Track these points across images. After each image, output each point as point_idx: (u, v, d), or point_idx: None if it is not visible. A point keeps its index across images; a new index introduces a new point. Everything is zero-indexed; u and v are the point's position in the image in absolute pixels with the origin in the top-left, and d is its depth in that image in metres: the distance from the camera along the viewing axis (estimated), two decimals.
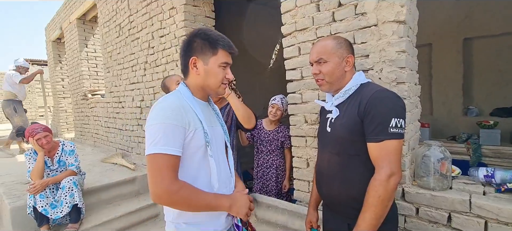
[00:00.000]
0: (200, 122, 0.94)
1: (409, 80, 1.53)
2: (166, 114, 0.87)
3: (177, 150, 0.87)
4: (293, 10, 1.92)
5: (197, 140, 0.93)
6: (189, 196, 0.87)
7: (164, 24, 3.09)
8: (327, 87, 1.18)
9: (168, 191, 0.84)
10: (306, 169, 1.98)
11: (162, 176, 0.84)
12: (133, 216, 2.82)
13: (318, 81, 1.19)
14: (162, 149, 0.84)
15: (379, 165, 1.00)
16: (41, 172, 2.36)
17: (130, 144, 4.00)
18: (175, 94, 0.97)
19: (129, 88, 3.88)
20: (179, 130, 0.88)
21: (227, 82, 1.01)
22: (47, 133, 2.44)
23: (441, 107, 4.50)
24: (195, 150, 0.93)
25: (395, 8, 1.47)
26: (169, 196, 0.85)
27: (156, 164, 0.85)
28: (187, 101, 0.95)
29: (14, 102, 4.45)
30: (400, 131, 1.00)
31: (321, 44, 1.17)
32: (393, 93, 1.07)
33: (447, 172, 1.47)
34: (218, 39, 0.97)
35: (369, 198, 0.98)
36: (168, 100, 0.93)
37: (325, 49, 1.14)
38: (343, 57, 1.14)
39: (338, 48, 1.14)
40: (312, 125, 1.90)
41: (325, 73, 1.14)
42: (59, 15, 6.25)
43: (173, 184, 0.85)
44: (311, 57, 1.19)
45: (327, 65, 1.13)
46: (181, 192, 0.86)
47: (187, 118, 0.91)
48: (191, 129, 0.91)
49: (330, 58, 1.13)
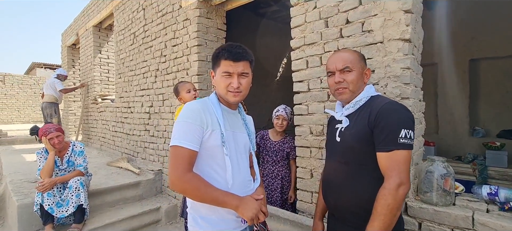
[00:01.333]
0: (218, 124, 1.05)
1: (413, 96, 1.57)
2: (187, 114, 1.03)
3: (192, 144, 1.00)
4: (303, 25, 2.00)
5: (214, 140, 1.04)
6: (198, 186, 0.98)
7: (177, 34, 3.22)
8: (348, 96, 1.18)
9: (180, 178, 0.97)
10: (310, 179, 2.00)
11: (177, 165, 0.98)
12: (135, 220, 2.85)
13: (339, 90, 1.18)
14: (178, 142, 0.99)
15: (388, 174, 1.02)
16: (50, 171, 2.42)
17: (136, 149, 4.06)
18: (203, 99, 1.13)
19: (139, 94, 3.99)
20: (196, 128, 1.01)
21: (233, 90, 1.05)
22: (60, 133, 2.53)
23: (447, 126, 4.49)
24: (212, 147, 1.05)
25: (401, 27, 1.53)
26: (181, 183, 0.98)
27: (173, 155, 0.99)
28: (212, 106, 1.09)
29: (54, 105, 5.27)
30: (409, 142, 1.03)
31: (346, 54, 1.19)
32: (402, 106, 1.10)
33: (451, 188, 1.48)
34: (220, 51, 1.07)
35: (378, 207, 0.99)
36: (193, 104, 1.08)
37: (351, 59, 1.17)
38: (364, 69, 1.19)
39: (360, 59, 1.20)
40: (317, 136, 1.94)
41: (350, 82, 1.16)
42: (76, 22, 6.51)
43: (186, 173, 0.98)
44: (335, 65, 1.18)
45: (352, 74, 1.16)
46: (192, 182, 0.98)
47: (206, 119, 1.03)
48: (209, 129, 1.03)
49: (355, 67, 1.16)
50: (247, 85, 1.09)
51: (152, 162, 3.69)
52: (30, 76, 13.67)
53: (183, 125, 1.01)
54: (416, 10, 1.59)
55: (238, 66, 1.04)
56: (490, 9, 3.99)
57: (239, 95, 1.07)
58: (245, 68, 1.06)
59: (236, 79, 1.05)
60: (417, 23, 1.64)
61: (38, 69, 15.21)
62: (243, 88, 1.07)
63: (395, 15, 1.55)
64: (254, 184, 1.18)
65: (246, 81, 1.08)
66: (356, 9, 1.71)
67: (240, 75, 1.06)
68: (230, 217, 1.06)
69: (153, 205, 3.04)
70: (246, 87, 1.08)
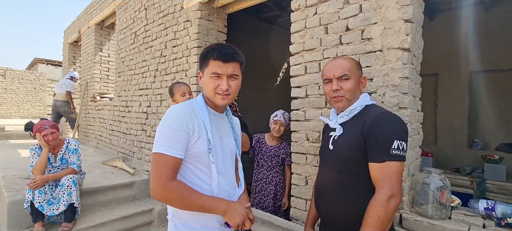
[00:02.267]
0: (205, 130, 0.99)
1: (411, 106, 1.55)
2: (172, 119, 0.96)
3: (176, 151, 0.94)
4: (302, 31, 1.99)
5: (200, 146, 0.98)
6: (183, 194, 0.92)
7: (177, 35, 3.21)
8: (345, 104, 1.16)
9: (163, 187, 0.91)
10: (305, 186, 1.97)
11: (160, 173, 0.92)
12: (127, 221, 2.81)
13: (335, 98, 1.17)
14: (161, 149, 0.93)
15: (380, 185, 1.00)
16: (43, 168, 2.39)
17: (132, 149, 4.03)
18: (189, 102, 1.06)
19: (137, 93, 3.97)
20: (181, 134, 0.95)
21: (222, 93, 0.99)
22: (54, 130, 2.49)
23: (446, 138, 4.46)
24: (198, 154, 0.99)
25: (400, 36, 1.52)
26: (164, 192, 0.92)
27: (156, 162, 0.94)
28: (199, 109, 1.02)
29: (68, 103, 5.85)
30: (402, 153, 1.01)
31: (344, 62, 1.17)
32: (396, 117, 1.09)
33: (447, 201, 1.45)
34: (208, 51, 1.00)
35: (368, 219, 0.98)
36: (178, 107, 1.00)
37: (349, 67, 1.15)
38: (360, 77, 1.18)
39: (357, 68, 1.18)
40: (314, 143, 1.92)
41: (347, 90, 1.14)
42: (79, 19, 6.52)
43: (169, 182, 0.92)
44: (333, 73, 1.16)
45: (350, 82, 1.14)
46: (176, 190, 0.92)
47: (192, 124, 0.97)
48: (195, 135, 0.97)
49: (352, 76, 1.15)
50: (236, 88, 1.02)
51: (147, 162, 3.66)
52: (31, 72, 13.67)
53: (168, 131, 0.94)
54: (416, 20, 1.57)
55: (227, 68, 0.98)
56: (492, 22, 4.00)
57: (227, 98, 1.01)
58: (235, 70, 1.00)
59: (225, 81, 0.98)
60: (417, 33, 1.63)
61: (40, 65, 15.22)
62: (232, 91, 1.01)
63: (395, 24, 1.54)
64: (239, 190, 1.14)
65: (235, 83, 1.01)
66: (356, 17, 1.70)
67: (230, 77, 0.99)
68: (213, 225, 1.02)
69: (146, 206, 3.00)
70: (235, 90, 1.02)
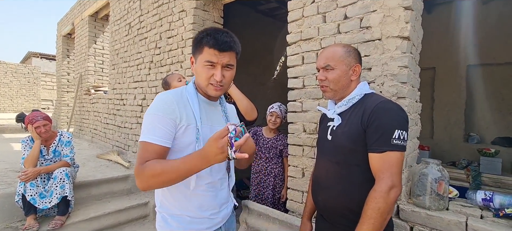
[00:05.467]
0: (194, 118, 0.94)
1: (410, 96, 1.52)
2: (158, 106, 0.90)
3: (162, 140, 0.88)
4: (300, 20, 1.95)
5: (189, 136, 0.93)
6: (154, 168, 0.83)
7: (173, 26, 3.14)
8: (331, 95, 1.15)
9: (137, 170, 0.85)
10: (301, 179, 1.95)
11: (140, 160, 0.86)
12: (122, 214, 2.77)
13: (322, 88, 1.16)
14: (146, 138, 0.88)
15: (379, 176, 0.97)
16: (35, 160, 2.34)
17: (128, 142, 3.98)
18: (178, 89, 1.00)
19: (132, 86, 3.91)
20: (167, 121, 0.89)
21: (215, 84, 0.93)
22: (47, 122, 2.44)
23: (442, 131, 4.47)
24: (186, 145, 0.93)
25: (400, 24, 1.49)
26: (140, 174, 0.84)
27: (140, 151, 0.88)
28: (188, 97, 0.96)
29: None
30: (403, 143, 0.98)
31: (330, 51, 1.15)
32: (397, 106, 1.05)
33: (444, 192, 1.44)
34: (204, 37, 0.92)
35: (367, 210, 0.95)
36: (165, 93, 0.95)
37: (333, 56, 1.12)
38: (351, 65, 1.13)
39: (346, 56, 1.13)
40: (311, 135, 1.89)
41: (331, 80, 1.12)
42: (72, 11, 6.39)
43: (142, 164, 0.85)
44: (318, 63, 1.16)
45: (334, 73, 1.11)
46: (147, 169, 0.84)
47: (180, 112, 0.91)
48: (183, 123, 0.91)
49: (337, 65, 1.11)
50: (230, 78, 0.96)
51: None
52: (24, 65, 13.44)
53: (153, 118, 0.88)
54: (416, 8, 1.54)
55: (223, 57, 0.91)
56: (489, 16, 3.98)
57: (221, 89, 0.95)
58: (231, 60, 0.93)
59: (220, 71, 0.91)
60: (417, 21, 1.60)
61: (34, 59, 14.98)
62: (226, 82, 0.95)
63: (395, 12, 1.50)
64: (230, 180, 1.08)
65: (229, 74, 0.95)
66: (355, 4, 1.66)
67: (225, 67, 0.93)
68: (204, 215, 0.98)
69: (141, 200, 2.96)
70: (229, 81, 0.96)
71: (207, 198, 0.99)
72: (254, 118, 1.81)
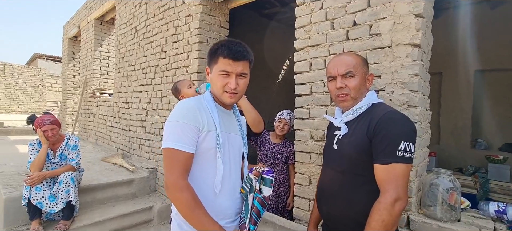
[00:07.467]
0: (214, 125, 0.99)
1: (421, 104, 1.50)
2: (182, 113, 0.95)
3: (187, 146, 0.93)
4: (307, 26, 1.93)
5: (209, 142, 0.98)
6: (190, 202, 0.90)
7: (179, 30, 3.15)
8: (350, 103, 1.11)
9: (174, 184, 0.90)
10: (308, 186, 1.92)
11: (172, 169, 0.91)
12: (126, 218, 2.77)
13: (340, 97, 1.12)
14: (172, 144, 0.92)
15: (384, 188, 0.96)
16: (41, 164, 2.34)
17: (132, 145, 3.98)
18: (197, 97, 1.05)
19: (137, 89, 3.92)
20: (191, 128, 0.94)
21: (230, 91, 0.98)
22: (55, 126, 2.43)
23: (449, 137, 4.42)
24: (206, 150, 0.98)
25: (411, 32, 1.46)
26: (174, 190, 0.91)
27: (168, 158, 0.93)
28: (207, 105, 1.02)
29: None
30: (409, 155, 0.97)
31: (349, 58, 1.12)
32: (404, 116, 1.04)
33: (456, 203, 1.41)
34: (218, 47, 0.98)
35: (371, 222, 0.94)
36: (187, 102, 1.00)
37: (354, 63, 1.10)
38: (366, 75, 1.13)
39: (363, 64, 1.13)
40: (318, 142, 1.87)
41: (352, 88, 1.09)
42: (78, 14, 6.44)
43: (181, 180, 0.91)
44: (336, 69, 1.11)
45: (355, 80, 1.09)
46: (185, 194, 0.90)
47: (202, 119, 0.97)
48: (205, 130, 0.97)
49: (358, 72, 1.09)
50: (244, 86, 1.02)
51: (147, 159, 3.61)
52: (30, 67, 13.58)
53: (178, 126, 0.93)
54: (427, 15, 1.52)
55: (237, 66, 0.97)
56: (497, 20, 3.93)
57: (235, 97, 1.01)
58: (245, 69, 1.00)
59: (234, 79, 0.98)
60: (428, 28, 1.57)
61: (40, 60, 15.13)
62: (240, 90, 1.01)
63: (405, 19, 1.48)
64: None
65: (243, 82, 1.01)
66: (364, 11, 1.65)
67: (239, 75, 0.99)
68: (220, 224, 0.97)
69: (145, 204, 2.96)
70: (243, 88, 1.02)
71: (226, 204, 1.03)
72: (261, 130, 1.83)
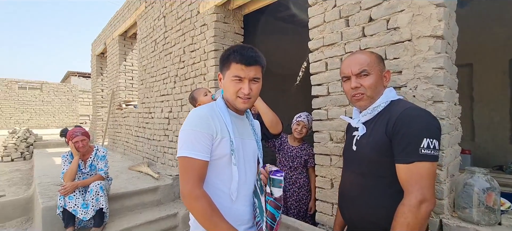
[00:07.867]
0: (227, 131, 0.98)
1: (448, 99, 1.40)
2: (195, 121, 0.96)
3: (202, 154, 0.93)
4: (321, 26, 1.90)
5: (223, 148, 0.97)
6: (206, 210, 0.90)
7: (195, 39, 3.24)
8: (367, 103, 1.08)
9: (190, 193, 0.91)
10: (330, 189, 1.86)
11: (188, 178, 0.92)
12: (153, 225, 2.85)
13: (355, 96, 1.08)
14: (187, 153, 0.93)
15: (408, 189, 0.91)
16: (73, 175, 2.50)
17: (156, 154, 4.13)
18: (210, 105, 1.05)
19: (159, 99, 4.07)
20: (205, 136, 0.94)
21: (243, 96, 0.99)
22: (85, 138, 2.60)
23: (485, 132, 4.08)
24: (220, 156, 0.98)
25: (432, 23, 1.38)
26: (190, 200, 0.91)
27: (183, 167, 0.94)
28: (220, 111, 1.02)
29: None
30: (434, 152, 0.90)
31: (362, 56, 1.09)
32: (426, 112, 0.98)
33: (495, 204, 1.29)
34: (231, 53, 0.99)
35: (396, 226, 0.89)
36: (200, 109, 1.00)
37: (368, 61, 1.07)
38: (383, 71, 1.09)
39: (378, 62, 1.09)
40: (338, 143, 1.81)
41: (367, 87, 1.05)
42: (104, 32, 6.88)
43: (196, 189, 0.91)
44: (350, 69, 1.09)
45: (370, 78, 1.05)
46: (201, 202, 0.91)
47: (215, 126, 0.97)
48: (218, 137, 0.97)
49: (373, 70, 1.06)
50: (257, 91, 1.02)
51: (171, 166, 3.72)
52: (64, 84, 14.69)
53: (191, 134, 0.94)
54: (449, 4, 1.43)
55: (250, 71, 0.97)
56: None
57: (248, 102, 1.00)
58: (257, 73, 1.00)
59: (247, 84, 0.98)
60: (451, 18, 1.48)
61: (73, 77, 16.31)
62: (253, 95, 1.00)
63: (425, 10, 1.40)
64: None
65: (256, 87, 1.01)
66: (380, 6, 1.58)
67: (251, 80, 0.99)
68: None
69: (170, 211, 3.04)
70: (256, 93, 1.01)
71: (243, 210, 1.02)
72: (279, 131, 1.77)
